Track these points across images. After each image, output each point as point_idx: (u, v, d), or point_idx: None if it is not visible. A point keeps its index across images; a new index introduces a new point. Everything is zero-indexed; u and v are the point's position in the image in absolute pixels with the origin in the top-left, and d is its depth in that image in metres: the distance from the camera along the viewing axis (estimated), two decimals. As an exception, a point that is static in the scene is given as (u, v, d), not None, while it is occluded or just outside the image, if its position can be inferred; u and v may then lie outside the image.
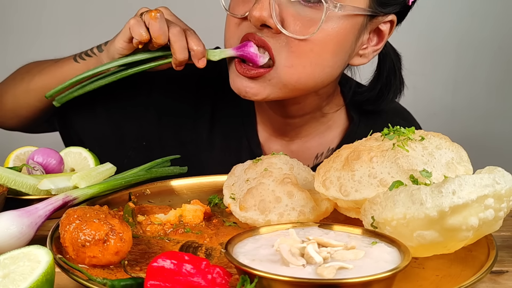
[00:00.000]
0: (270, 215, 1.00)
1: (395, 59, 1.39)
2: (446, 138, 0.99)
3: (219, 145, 1.39)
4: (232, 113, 1.38)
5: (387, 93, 1.39)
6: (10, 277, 0.77)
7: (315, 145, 1.39)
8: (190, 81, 1.40)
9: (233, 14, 1.20)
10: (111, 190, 1.16)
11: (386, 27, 1.26)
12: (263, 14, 1.13)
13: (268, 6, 1.13)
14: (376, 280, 0.74)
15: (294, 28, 1.15)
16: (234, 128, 1.38)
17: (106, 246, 0.88)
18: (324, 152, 1.39)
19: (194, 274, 0.77)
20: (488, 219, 0.85)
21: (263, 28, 1.16)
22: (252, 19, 1.14)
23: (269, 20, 1.14)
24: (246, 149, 1.38)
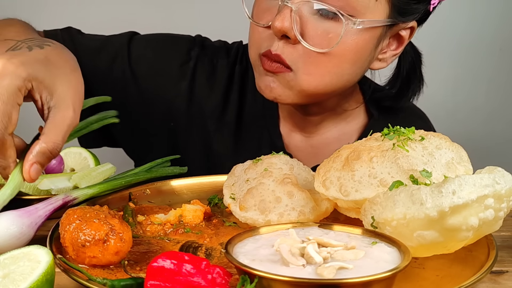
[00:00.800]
0: (270, 215, 1.00)
1: (415, 57, 1.41)
2: (446, 138, 0.99)
3: (242, 136, 1.42)
4: (256, 105, 1.40)
5: (406, 91, 1.40)
6: (10, 277, 0.77)
7: (334, 140, 1.41)
8: (222, 75, 1.43)
9: (256, 23, 1.22)
10: (111, 190, 1.16)
11: (406, 32, 1.28)
12: (284, 25, 1.15)
13: (289, 17, 1.15)
14: (376, 280, 0.74)
15: (314, 41, 1.17)
16: (255, 118, 1.41)
17: (106, 246, 0.88)
18: None
19: (194, 274, 0.78)
20: (488, 219, 0.85)
21: (284, 38, 1.18)
22: (274, 30, 1.17)
23: (290, 31, 1.16)
24: (267, 140, 1.40)
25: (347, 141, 1.37)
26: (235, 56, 1.45)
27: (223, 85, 1.42)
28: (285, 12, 1.15)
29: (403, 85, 1.40)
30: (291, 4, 1.15)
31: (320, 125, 1.40)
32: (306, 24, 1.17)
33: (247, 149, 1.41)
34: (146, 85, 1.39)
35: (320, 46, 1.17)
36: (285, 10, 1.15)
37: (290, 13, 1.15)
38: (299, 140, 1.42)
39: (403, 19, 1.24)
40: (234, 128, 1.41)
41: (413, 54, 1.40)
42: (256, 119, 1.41)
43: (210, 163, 1.43)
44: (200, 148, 1.41)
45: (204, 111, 1.41)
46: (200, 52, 1.43)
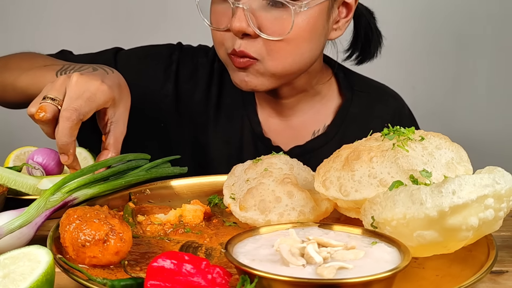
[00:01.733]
0: (270, 215, 1.00)
1: (368, 15, 1.50)
2: (446, 138, 0.99)
3: (223, 125, 1.50)
4: (234, 95, 1.49)
5: (368, 48, 1.51)
6: (10, 277, 0.77)
7: (311, 122, 1.50)
8: (203, 72, 1.52)
9: (216, 28, 1.32)
10: (111, 190, 1.16)
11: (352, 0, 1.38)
12: (242, 25, 1.25)
13: (243, 17, 1.25)
14: (376, 280, 0.74)
15: (270, 31, 1.26)
16: (236, 109, 1.50)
17: (106, 246, 0.88)
18: (320, 128, 1.50)
19: (194, 274, 0.78)
20: (488, 219, 0.85)
21: (244, 36, 1.27)
22: (234, 31, 1.27)
23: (247, 29, 1.26)
24: (247, 127, 1.49)
25: (323, 122, 1.49)
26: (213, 55, 1.54)
27: (205, 81, 1.52)
28: (239, 13, 1.25)
29: (364, 44, 1.51)
30: (242, 4, 1.25)
31: (296, 107, 1.48)
32: (260, 19, 1.26)
33: (231, 138, 1.49)
34: (134, 91, 1.43)
35: (277, 34, 1.26)
36: (238, 11, 1.25)
37: (243, 13, 1.25)
38: (277, 124, 1.50)
39: None
40: (217, 120, 1.50)
41: (365, 13, 1.49)
42: (237, 109, 1.50)
43: (202, 156, 1.50)
44: (191, 142, 1.50)
45: (191, 107, 1.51)
46: (180, 54, 1.53)
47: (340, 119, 1.48)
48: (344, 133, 1.47)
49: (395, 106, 1.57)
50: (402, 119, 1.56)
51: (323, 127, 1.49)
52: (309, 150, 1.46)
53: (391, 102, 1.57)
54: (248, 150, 1.48)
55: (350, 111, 1.49)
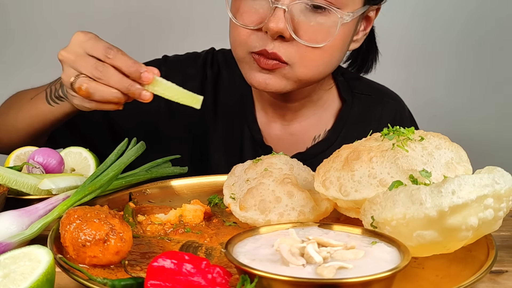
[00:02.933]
0: (270, 215, 1.00)
1: (370, 32, 1.48)
2: (445, 138, 0.99)
3: (222, 133, 1.47)
4: (231, 103, 1.46)
5: (366, 62, 1.52)
6: (11, 277, 0.77)
7: (312, 127, 1.48)
8: (193, 83, 1.48)
9: (244, 26, 1.25)
10: (111, 190, 1.16)
11: (373, 13, 1.39)
12: (280, 26, 1.19)
13: (283, 19, 1.19)
14: (376, 280, 0.74)
15: (308, 37, 1.22)
16: (235, 116, 1.46)
17: (106, 246, 0.88)
18: (321, 133, 1.48)
19: (194, 273, 0.78)
20: (487, 219, 0.85)
21: (277, 38, 1.22)
22: (270, 32, 1.21)
23: (285, 32, 1.20)
24: (247, 135, 1.46)
25: (324, 127, 1.48)
26: (203, 62, 1.51)
27: (197, 92, 1.40)
28: (279, 14, 1.19)
29: (364, 56, 1.52)
30: (282, 5, 1.19)
31: (299, 112, 1.46)
32: (299, 23, 1.22)
33: (230, 147, 1.46)
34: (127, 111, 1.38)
35: (315, 41, 1.23)
36: (278, 12, 1.19)
37: (283, 14, 1.19)
38: (278, 129, 1.48)
39: (375, 2, 1.35)
40: (215, 129, 1.47)
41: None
42: (234, 116, 1.47)
43: (203, 167, 1.46)
44: (189, 154, 1.45)
45: (185, 120, 1.47)
46: (167, 69, 1.47)
47: (341, 123, 1.47)
48: (345, 137, 1.46)
49: (395, 108, 1.56)
50: (403, 120, 1.55)
51: (323, 132, 1.47)
52: (310, 156, 1.44)
53: (391, 104, 1.56)
54: (248, 158, 1.42)
55: (351, 115, 1.48)
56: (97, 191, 1.08)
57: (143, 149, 1.20)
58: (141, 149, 1.20)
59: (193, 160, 1.45)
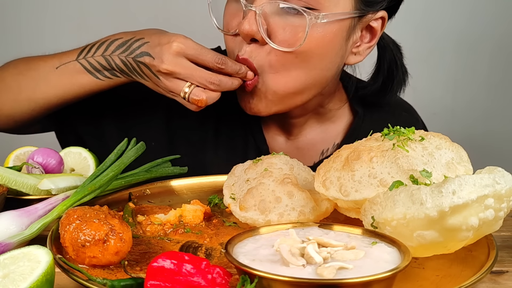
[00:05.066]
0: (270, 215, 1.00)
1: (395, 49, 1.39)
2: (446, 138, 0.99)
3: (225, 144, 1.40)
4: (237, 112, 1.38)
5: (390, 85, 1.39)
6: (10, 277, 0.77)
7: (320, 141, 1.40)
8: None
9: (226, 32, 1.24)
10: (111, 190, 1.16)
11: (377, 23, 1.26)
12: (252, 28, 1.16)
13: (254, 21, 1.16)
14: (376, 280, 0.74)
15: (280, 39, 1.17)
16: (239, 127, 1.40)
17: (106, 246, 0.88)
18: (330, 147, 1.40)
19: (194, 274, 0.78)
20: (488, 219, 0.85)
21: (252, 41, 1.20)
22: (242, 35, 1.19)
23: (257, 34, 1.17)
24: (252, 146, 1.39)
25: (333, 141, 1.39)
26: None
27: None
28: (250, 16, 1.16)
29: (386, 79, 1.39)
30: (255, 8, 1.16)
31: (304, 126, 1.40)
32: (272, 25, 1.17)
33: (234, 157, 1.37)
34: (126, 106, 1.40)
35: (287, 44, 1.17)
36: (250, 14, 1.16)
37: (255, 16, 1.16)
38: (283, 143, 1.41)
39: (370, 9, 1.23)
40: (218, 138, 1.40)
41: (392, 47, 1.39)
42: (241, 126, 1.40)
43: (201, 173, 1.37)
44: (187, 161, 1.35)
45: (185, 124, 1.40)
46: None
47: (352, 137, 1.37)
48: None
49: (408, 121, 1.44)
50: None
51: (332, 146, 1.39)
52: None
53: (404, 117, 1.47)
54: None
55: (362, 128, 1.38)
56: (97, 191, 1.08)
57: (143, 149, 1.20)
58: (141, 149, 1.20)
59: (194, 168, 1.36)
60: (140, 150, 1.19)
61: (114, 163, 1.13)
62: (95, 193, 1.08)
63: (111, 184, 1.13)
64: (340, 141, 1.40)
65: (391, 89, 1.40)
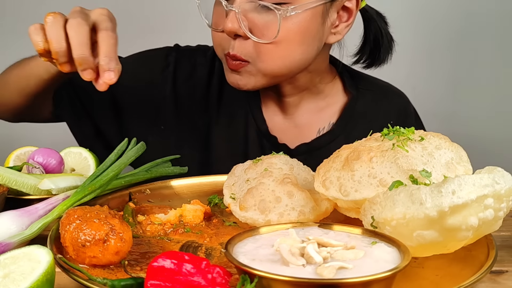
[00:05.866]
0: (270, 215, 1.00)
1: (379, 20, 1.48)
2: (445, 138, 0.99)
3: (227, 123, 1.50)
4: (237, 93, 1.48)
5: (378, 53, 1.50)
6: (11, 277, 0.77)
7: (316, 120, 1.50)
8: (202, 72, 1.53)
9: (215, 29, 1.35)
10: (111, 190, 1.16)
11: (351, 4, 1.36)
12: (234, 26, 1.27)
13: (235, 19, 1.27)
14: (376, 280, 0.74)
15: (259, 33, 1.28)
16: (240, 107, 1.50)
17: (106, 246, 0.88)
18: (326, 126, 1.50)
19: (194, 273, 0.78)
20: (487, 219, 0.85)
21: (237, 37, 1.30)
22: (226, 32, 1.30)
23: (239, 30, 1.28)
24: (252, 125, 1.49)
25: (328, 120, 1.50)
26: (213, 54, 1.54)
27: (205, 81, 1.53)
28: (231, 15, 1.27)
29: (373, 49, 1.49)
30: (234, 7, 1.27)
31: (300, 105, 1.49)
32: (251, 21, 1.29)
33: (235, 136, 1.49)
34: (132, 93, 1.50)
35: (266, 37, 1.28)
36: (231, 13, 1.28)
37: (235, 15, 1.27)
38: (282, 122, 1.51)
39: None
40: (219, 119, 1.50)
41: (376, 17, 1.48)
42: (240, 107, 1.50)
43: (206, 156, 1.49)
44: (193, 143, 1.49)
45: (191, 108, 1.52)
46: (177, 55, 1.54)
47: (346, 117, 1.49)
48: (350, 130, 1.47)
49: (400, 103, 1.58)
50: (407, 116, 1.56)
51: (328, 125, 1.49)
52: (316, 147, 1.46)
53: (396, 99, 1.58)
54: (254, 148, 1.47)
55: (356, 109, 1.50)
56: (97, 191, 1.08)
57: (143, 149, 1.21)
58: (141, 150, 1.20)
59: (197, 150, 1.48)
60: (140, 150, 1.20)
61: (114, 163, 1.14)
62: (95, 193, 1.08)
63: (111, 184, 1.13)
64: (335, 120, 1.50)
65: (378, 57, 1.50)
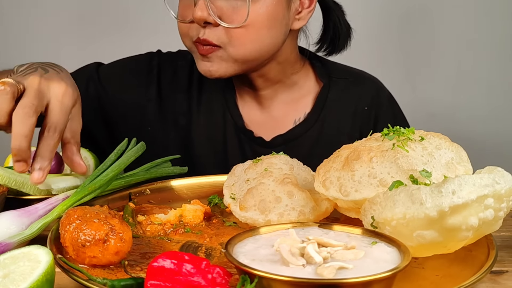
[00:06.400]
0: (270, 215, 1.00)
1: (336, 9, 1.54)
2: (445, 138, 0.99)
3: (206, 121, 1.54)
4: (214, 91, 1.54)
5: (337, 40, 1.55)
6: (10, 277, 0.77)
7: (292, 111, 1.54)
8: (183, 73, 1.57)
9: (182, 21, 1.38)
10: (111, 190, 1.16)
11: None
12: (203, 14, 1.31)
13: (204, 7, 1.31)
14: (376, 280, 0.74)
15: (229, 19, 1.32)
16: (218, 104, 1.54)
17: (106, 246, 0.88)
18: (301, 117, 1.53)
19: (194, 273, 0.78)
20: (488, 219, 0.85)
21: (206, 24, 1.33)
22: (196, 20, 1.33)
23: (208, 18, 1.32)
24: (229, 122, 1.52)
25: (303, 110, 1.54)
26: (192, 57, 1.55)
27: (185, 82, 1.56)
28: (200, 3, 1.31)
29: (333, 36, 1.55)
30: None
31: (275, 98, 1.53)
32: (219, 8, 1.32)
33: (214, 133, 1.52)
34: (119, 98, 1.54)
35: (235, 22, 1.32)
36: (199, 1, 1.31)
37: (204, 3, 1.31)
38: (258, 115, 1.54)
39: None
40: (199, 117, 1.54)
41: (334, 7, 1.54)
42: (217, 104, 1.54)
43: (188, 155, 1.51)
44: (178, 143, 1.52)
45: (174, 108, 1.55)
46: (160, 60, 1.59)
47: (320, 105, 1.52)
48: (325, 118, 1.51)
49: (373, 87, 1.60)
50: (381, 99, 1.58)
51: (303, 115, 1.52)
52: (291, 138, 1.49)
53: (368, 83, 1.61)
54: (232, 143, 1.50)
55: (329, 97, 1.53)
56: (97, 191, 1.08)
57: (143, 149, 1.21)
58: (141, 150, 1.20)
59: (179, 149, 1.50)
60: (140, 150, 1.20)
61: (114, 163, 1.14)
62: (95, 193, 1.08)
63: (111, 184, 1.13)
64: (309, 110, 1.53)
65: (338, 44, 1.56)
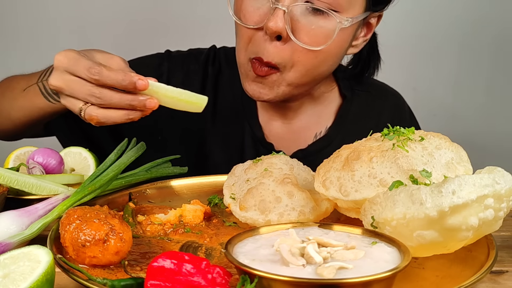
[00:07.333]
0: (270, 215, 1.00)
1: (373, 39, 1.50)
2: (446, 138, 0.99)
3: (222, 131, 1.47)
4: (233, 99, 1.46)
5: (367, 68, 1.53)
6: (10, 277, 0.77)
7: (313, 124, 1.49)
8: (195, 78, 1.49)
9: (246, 25, 1.26)
10: (111, 190, 1.16)
11: (374, 20, 1.37)
12: (279, 25, 1.20)
13: (283, 18, 1.20)
14: (376, 280, 0.74)
15: (305, 39, 1.22)
16: (235, 113, 1.47)
17: (106, 246, 0.88)
18: (322, 130, 1.49)
19: (194, 273, 0.78)
20: (488, 219, 0.85)
21: (275, 39, 1.23)
22: (269, 31, 1.21)
23: (283, 31, 1.21)
24: (248, 132, 1.46)
25: (325, 124, 1.49)
26: (205, 59, 1.52)
27: (198, 88, 1.48)
28: (278, 14, 1.20)
29: (364, 64, 1.52)
30: (282, 6, 1.20)
31: (299, 110, 1.48)
32: (298, 24, 1.22)
33: (230, 143, 1.46)
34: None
35: (312, 43, 1.23)
36: (278, 12, 1.20)
37: (283, 15, 1.19)
38: (279, 127, 1.49)
39: (376, 9, 1.33)
40: (215, 126, 1.47)
41: (371, 38, 1.49)
42: (236, 112, 1.47)
43: (202, 164, 1.47)
44: (190, 151, 1.45)
45: (186, 116, 1.41)
46: (169, 65, 1.50)
47: (341, 119, 1.49)
48: (346, 133, 1.47)
49: (394, 102, 1.58)
50: (402, 115, 1.57)
51: (324, 129, 1.48)
52: (311, 153, 1.45)
53: (391, 98, 1.59)
54: (249, 155, 1.44)
55: (351, 111, 1.49)
56: (97, 191, 1.08)
57: (143, 149, 1.20)
58: (141, 150, 1.20)
59: (192, 158, 1.45)
60: (140, 150, 1.19)
61: (114, 163, 1.13)
62: (95, 193, 1.08)
63: (111, 184, 1.13)
64: (331, 124, 1.49)
65: (367, 72, 1.53)
